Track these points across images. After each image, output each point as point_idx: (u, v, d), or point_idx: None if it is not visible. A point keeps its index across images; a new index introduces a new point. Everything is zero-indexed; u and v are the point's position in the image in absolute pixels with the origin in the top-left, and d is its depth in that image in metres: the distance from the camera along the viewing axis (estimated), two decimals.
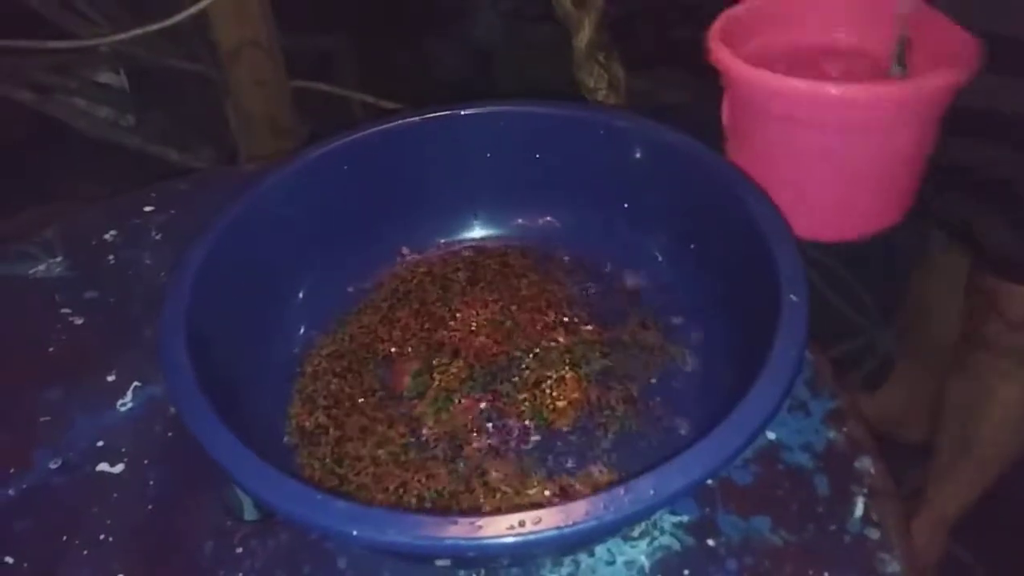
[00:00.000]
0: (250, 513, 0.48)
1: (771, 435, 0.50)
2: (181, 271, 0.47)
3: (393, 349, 0.55)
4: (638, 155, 0.56)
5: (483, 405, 0.51)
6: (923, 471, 0.99)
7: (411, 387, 0.52)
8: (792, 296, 0.43)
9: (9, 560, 0.46)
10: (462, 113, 0.57)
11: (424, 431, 0.50)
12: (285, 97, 1.07)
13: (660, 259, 0.58)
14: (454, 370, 0.53)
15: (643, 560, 0.45)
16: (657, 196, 0.57)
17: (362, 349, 0.55)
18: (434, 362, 0.54)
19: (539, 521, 0.35)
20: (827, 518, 0.46)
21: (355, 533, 0.35)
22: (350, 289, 0.58)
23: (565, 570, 0.45)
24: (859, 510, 0.46)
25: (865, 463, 0.49)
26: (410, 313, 0.57)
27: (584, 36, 0.87)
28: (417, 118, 0.57)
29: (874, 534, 0.45)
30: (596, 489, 0.36)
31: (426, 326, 0.56)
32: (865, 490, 0.47)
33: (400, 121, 0.56)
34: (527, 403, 0.51)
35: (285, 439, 0.50)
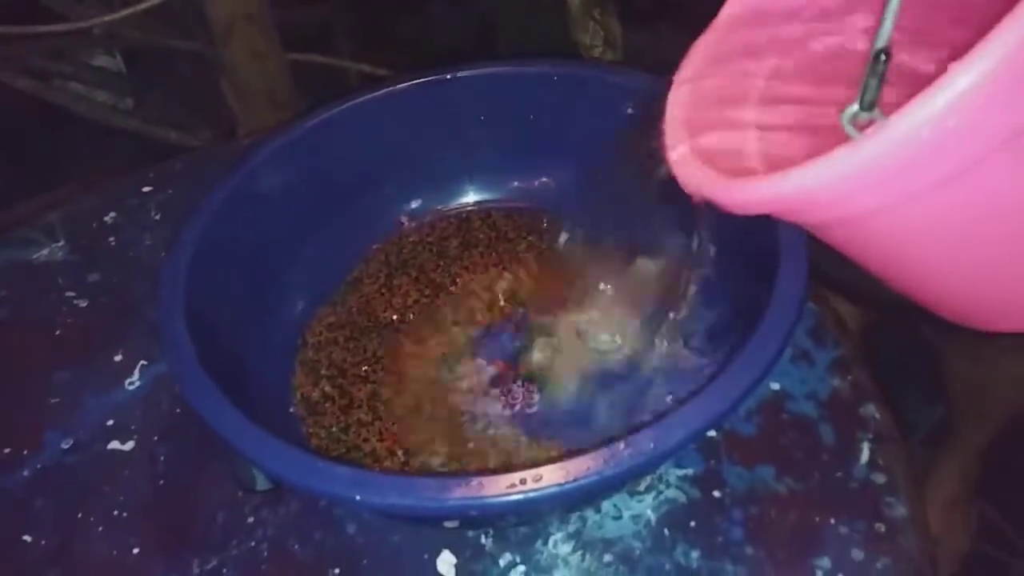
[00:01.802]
0: (262, 483, 0.48)
1: (775, 385, 0.50)
2: (176, 250, 0.47)
3: (394, 317, 0.55)
4: (632, 111, 0.56)
5: (489, 369, 0.52)
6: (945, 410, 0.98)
7: (414, 354, 0.52)
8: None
9: (27, 538, 0.47)
10: (448, 77, 0.56)
11: (430, 396, 0.50)
12: (282, 70, 1.07)
13: None
14: (456, 335, 0.53)
15: (649, 514, 0.45)
16: (652, 150, 0.56)
17: (363, 318, 0.55)
18: (436, 328, 0.54)
19: (540, 478, 0.35)
20: (833, 465, 0.46)
21: (358, 498, 0.36)
22: (348, 258, 0.58)
23: (572, 527, 0.45)
24: (865, 456, 0.46)
25: (870, 409, 0.48)
26: (409, 280, 0.57)
27: None
28: (407, 84, 0.56)
29: (880, 479, 0.45)
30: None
31: (426, 293, 0.56)
32: (871, 436, 0.47)
33: (390, 88, 0.56)
34: (532, 366, 0.51)
35: (291, 410, 0.51)
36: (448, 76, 0.56)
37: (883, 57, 0.27)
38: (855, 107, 0.28)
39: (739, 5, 0.40)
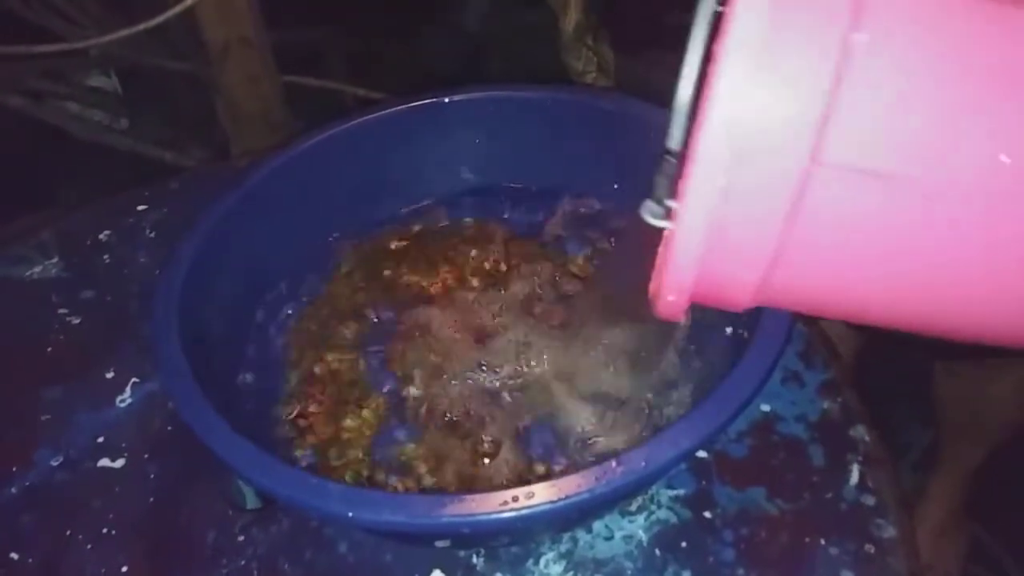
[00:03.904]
0: (252, 502, 0.48)
1: (765, 407, 0.50)
2: (171, 268, 0.47)
3: (388, 333, 0.55)
4: (624, 135, 0.56)
5: (487, 385, 0.52)
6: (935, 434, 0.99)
7: (405, 367, 0.53)
8: None
9: (14, 556, 0.47)
10: (446, 100, 0.57)
11: (418, 410, 0.50)
12: (276, 93, 1.07)
13: None
14: (452, 347, 0.53)
15: (641, 534, 0.45)
16: (647, 175, 0.57)
17: (357, 335, 0.55)
18: (427, 342, 0.54)
19: (532, 496, 0.35)
20: (822, 486, 0.46)
21: (350, 515, 0.36)
22: (339, 274, 0.58)
23: (564, 546, 0.45)
24: (854, 478, 0.47)
25: (860, 431, 0.49)
26: (402, 296, 0.57)
27: (571, 19, 0.87)
28: (401, 107, 0.57)
29: (869, 500, 0.45)
30: None
31: (419, 307, 0.56)
32: (860, 458, 0.47)
33: (384, 111, 0.56)
34: (523, 383, 0.51)
35: (283, 428, 0.51)
36: (443, 100, 0.57)
37: (670, 158, 0.28)
38: (650, 202, 0.28)
39: None
